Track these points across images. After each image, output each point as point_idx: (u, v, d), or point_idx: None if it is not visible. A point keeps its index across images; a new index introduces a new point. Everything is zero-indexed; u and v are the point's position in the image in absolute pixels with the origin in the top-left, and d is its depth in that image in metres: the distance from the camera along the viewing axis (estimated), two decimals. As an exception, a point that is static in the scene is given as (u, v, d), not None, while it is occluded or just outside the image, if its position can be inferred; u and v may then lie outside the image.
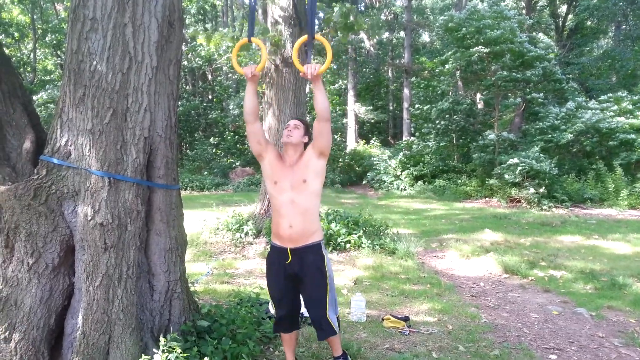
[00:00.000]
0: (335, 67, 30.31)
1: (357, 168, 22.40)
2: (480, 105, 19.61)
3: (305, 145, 3.16)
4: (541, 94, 16.60)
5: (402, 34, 28.94)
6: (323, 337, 3.15)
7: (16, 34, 22.30)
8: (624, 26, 26.92)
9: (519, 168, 14.05)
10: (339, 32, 8.62)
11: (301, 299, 3.24)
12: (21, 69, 22.06)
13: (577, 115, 15.56)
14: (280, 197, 3.03)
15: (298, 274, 3.04)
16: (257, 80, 3.04)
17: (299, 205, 2.99)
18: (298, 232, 3.00)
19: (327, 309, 3.06)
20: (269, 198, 3.17)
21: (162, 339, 2.85)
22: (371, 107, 28.95)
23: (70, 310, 3.07)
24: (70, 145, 3.01)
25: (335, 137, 24.14)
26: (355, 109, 26.82)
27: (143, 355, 2.85)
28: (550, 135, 15.54)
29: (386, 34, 30.08)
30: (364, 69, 30.92)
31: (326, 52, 3.00)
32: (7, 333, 2.87)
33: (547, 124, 15.79)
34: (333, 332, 3.11)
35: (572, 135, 15.00)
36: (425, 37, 32.19)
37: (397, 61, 29.49)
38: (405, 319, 4.53)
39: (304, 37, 3.09)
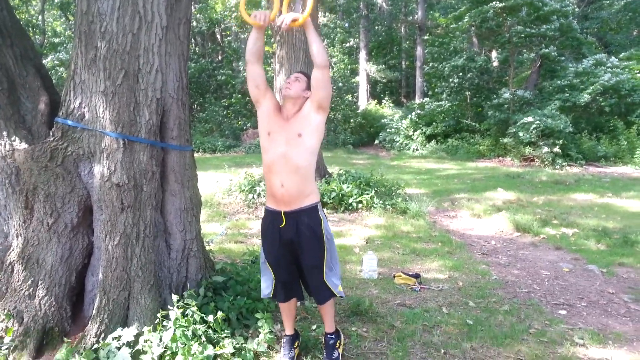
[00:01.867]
0: (346, 25, 29.70)
1: (369, 128, 22.27)
2: (495, 63, 19.20)
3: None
4: (556, 49, 16.11)
5: (415, -11, 28.14)
6: (322, 300, 2.96)
7: (23, -5, 22.04)
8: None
9: (534, 126, 13.86)
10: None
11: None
12: (30, 32, 21.90)
13: (595, 73, 15.11)
14: (272, 151, 2.79)
15: (293, 240, 2.83)
16: (264, 28, 2.83)
17: (291, 161, 2.75)
18: (291, 192, 2.77)
19: (324, 273, 2.87)
20: (262, 153, 2.89)
21: (174, 296, 2.93)
22: (383, 66, 28.50)
23: (90, 268, 3.18)
24: (84, 107, 3.03)
25: (347, 97, 23.88)
26: (367, 68, 26.43)
27: (161, 310, 2.96)
28: (567, 94, 15.18)
29: (399, -10, 29.28)
30: (376, 27, 30.24)
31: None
32: (31, 290, 2.99)
33: (565, 82, 15.40)
34: (331, 294, 2.94)
35: (590, 96, 14.61)
36: (439, -8, 31.25)
37: (410, 18, 28.79)
38: (416, 276, 4.61)
39: None
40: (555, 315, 3.91)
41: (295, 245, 2.85)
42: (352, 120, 22.10)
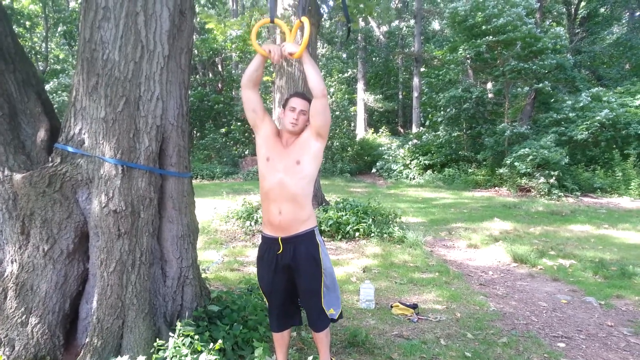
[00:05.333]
0: (344, 56, 30.15)
1: (366, 157, 22.37)
2: (490, 95, 19.45)
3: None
4: (551, 83, 16.33)
5: (412, 22, 28.73)
6: (319, 328, 2.95)
7: (27, 23, 22.36)
8: (638, 13, 26.40)
9: (530, 157, 13.94)
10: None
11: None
12: (33, 59, 22.14)
13: (590, 107, 15.28)
14: (270, 178, 2.79)
15: (291, 265, 2.82)
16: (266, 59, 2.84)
17: (288, 189, 2.75)
18: (288, 219, 2.77)
19: (322, 299, 2.86)
20: (259, 180, 2.88)
21: (178, 323, 2.90)
22: (381, 96, 28.85)
23: (84, 295, 3.14)
24: (84, 134, 3.05)
25: (344, 125, 24.08)
26: (364, 98, 26.75)
27: (156, 339, 2.91)
28: (564, 128, 15.31)
29: (396, 22, 29.87)
30: (374, 58, 30.74)
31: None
32: (24, 317, 2.94)
33: (561, 116, 15.56)
34: (326, 324, 2.95)
35: (587, 131, 14.75)
36: (435, 25, 31.90)
37: (407, 50, 29.30)
38: (414, 306, 4.56)
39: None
40: (554, 348, 3.86)
41: (292, 270, 2.84)
42: (349, 149, 22.22)
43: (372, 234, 7.56)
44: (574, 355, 3.76)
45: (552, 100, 16.76)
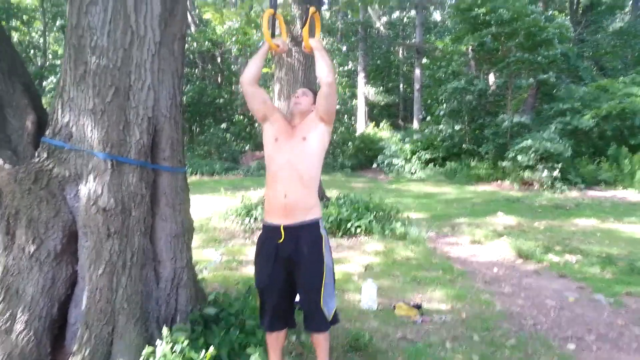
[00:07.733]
0: (344, 48, 29.87)
1: (367, 152, 22.12)
2: (493, 87, 19.22)
3: None
4: (554, 74, 16.10)
5: (412, 12, 28.45)
6: (313, 328, 2.80)
7: (25, 16, 22.05)
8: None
9: (532, 150, 13.74)
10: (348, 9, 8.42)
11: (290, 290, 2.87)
12: (31, 54, 21.89)
13: (597, 97, 15.04)
14: (278, 159, 2.75)
15: (292, 257, 2.68)
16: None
17: (296, 168, 2.69)
18: (293, 202, 2.67)
19: (321, 297, 2.69)
20: (266, 164, 2.85)
21: (164, 330, 2.72)
22: (382, 89, 28.58)
23: (73, 299, 2.96)
24: (72, 126, 2.87)
25: (345, 120, 23.87)
26: (365, 91, 26.50)
27: (148, 346, 2.74)
28: (568, 118, 15.10)
29: (397, 13, 29.60)
30: (374, 50, 30.44)
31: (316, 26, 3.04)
32: (8, 324, 2.76)
33: (566, 105, 15.32)
34: (325, 326, 2.78)
35: (593, 120, 14.53)
36: (436, 15, 31.60)
37: (408, 41, 29.03)
38: (418, 306, 4.42)
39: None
40: (564, 350, 3.71)
41: (293, 264, 2.70)
42: (350, 143, 21.99)
43: (374, 231, 7.39)
44: (585, 357, 3.62)
45: (554, 91, 16.51)
